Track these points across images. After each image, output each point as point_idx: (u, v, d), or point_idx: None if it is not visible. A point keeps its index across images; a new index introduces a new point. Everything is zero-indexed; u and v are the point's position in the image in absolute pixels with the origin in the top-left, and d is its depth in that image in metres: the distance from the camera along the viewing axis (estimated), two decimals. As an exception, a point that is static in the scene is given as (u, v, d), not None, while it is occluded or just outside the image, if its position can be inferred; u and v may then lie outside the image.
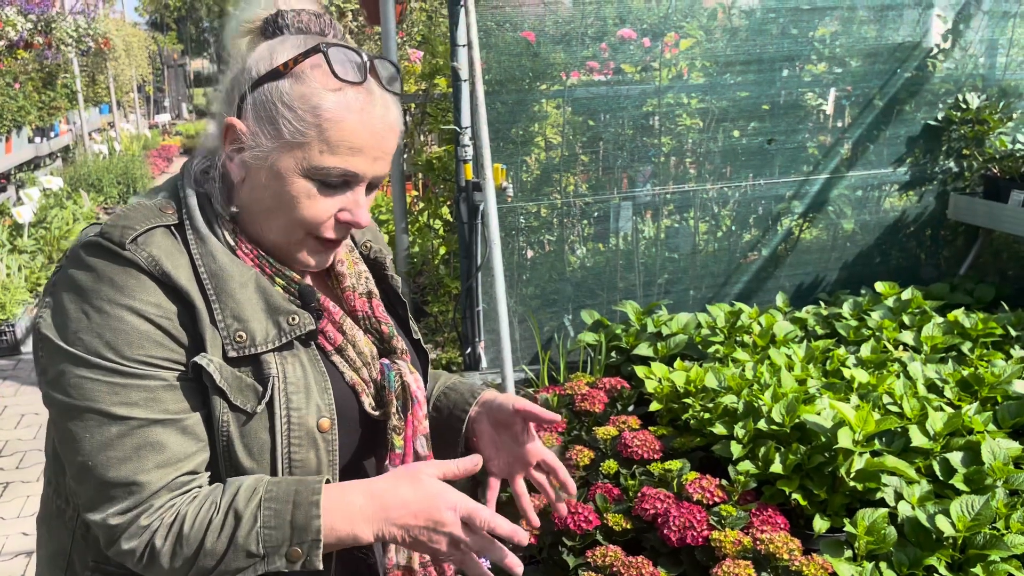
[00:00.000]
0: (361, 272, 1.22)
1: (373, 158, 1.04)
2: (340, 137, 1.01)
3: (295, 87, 1.01)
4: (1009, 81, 3.73)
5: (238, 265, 1.05)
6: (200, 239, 1.05)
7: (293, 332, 1.05)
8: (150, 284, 0.99)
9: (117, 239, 0.99)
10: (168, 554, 0.98)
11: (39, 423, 4.29)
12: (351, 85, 1.02)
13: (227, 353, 1.02)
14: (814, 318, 3.15)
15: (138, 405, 0.98)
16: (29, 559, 3.11)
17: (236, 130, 1.05)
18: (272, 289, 1.07)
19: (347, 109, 1.01)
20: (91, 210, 8.23)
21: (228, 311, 1.02)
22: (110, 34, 10.77)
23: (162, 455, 0.98)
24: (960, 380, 2.39)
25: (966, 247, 3.94)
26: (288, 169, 1.02)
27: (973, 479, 1.94)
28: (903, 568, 1.79)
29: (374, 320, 1.19)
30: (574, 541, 2.01)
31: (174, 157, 14.57)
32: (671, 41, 3.42)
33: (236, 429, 1.02)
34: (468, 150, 3.12)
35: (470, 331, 3.37)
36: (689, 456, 2.27)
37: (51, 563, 1.17)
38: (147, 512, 0.98)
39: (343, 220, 1.06)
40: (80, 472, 0.99)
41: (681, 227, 3.71)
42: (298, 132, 1.01)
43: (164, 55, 19.44)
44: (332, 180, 1.03)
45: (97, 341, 0.97)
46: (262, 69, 1.03)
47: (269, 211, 1.05)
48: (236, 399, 1.02)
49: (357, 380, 1.13)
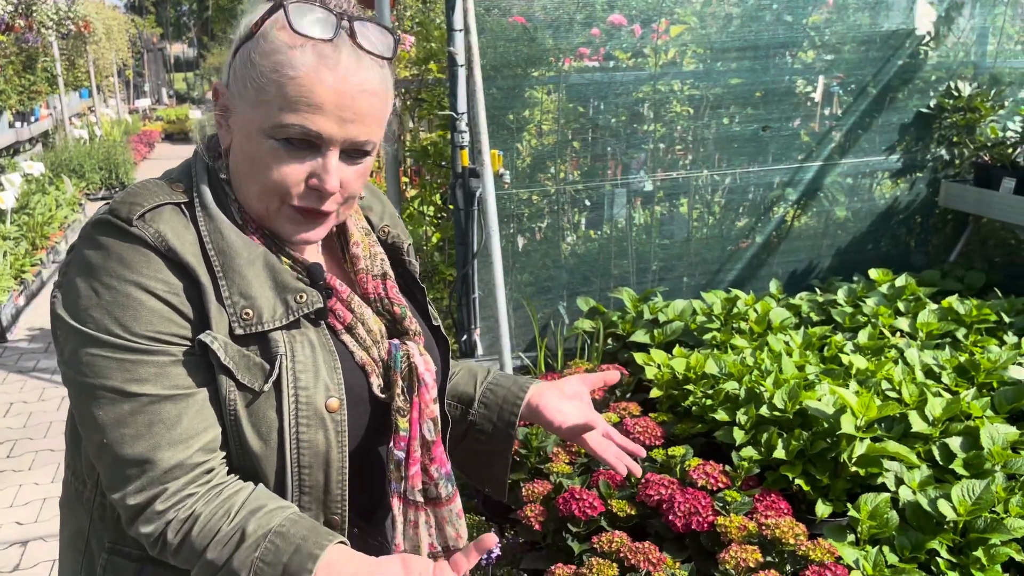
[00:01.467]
0: (376, 254, 1.20)
1: (340, 119, 0.99)
2: (298, 93, 0.97)
3: (260, 45, 0.99)
4: (1000, 69, 3.76)
5: (246, 242, 1.04)
6: (208, 216, 1.04)
7: (301, 310, 1.04)
8: (157, 260, 0.98)
9: (124, 215, 0.99)
10: (176, 549, 0.99)
11: (28, 411, 4.25)
12: (315, 41, 0.98)
13: (233, 330, 1.01)
14: (808, 304, 3.18)
15: (148, 381, 0.97)
16: (24, 548, 3.08)
17: (221, 94, 1.05)
18: (280, 267, 1.05)
19: (306, 65, 0.97)
20: (74, 196, 8.13)
21: (235, 288, 1.01)
22: (90, 17, 10.62)
23: (174, 431, 0.98)
24: (957, 366, 2.42)
25: (955, 234, 3.98)
26: (255, 129, 1.00)
27: (972, 464, 1.97)
28: (905, 551, 1.81)
29: (386, 301, 1.18)
30: (579, 527, 2.02)
31: (156, 142, 14.43)
32: (662, 28, 3.42)
33: (243, 408, 1.01)
34: (464, 136, 3.10)
35: (466, 318, 3.37)
36: (690, 442, 2.29)
37: (70, 544, 1.18)
38: (163, 497, 0.98)
39: (312, 186, 1.02)
40: (98, 451, 0.99)
41: (675, 214, 3.72)
42: (261, 89, 0.98)
43: (144, 39, 19.19)
44: (294, 139, 0.99)
45: (107, 318, 0.96)
46: (242, 33, 1.03)
47: (246, 176, 1.04)
48: (243, 377, 1.01)
49: (367, 360, 1.12)
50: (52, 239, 6.98)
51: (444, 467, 1.18)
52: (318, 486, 1.07)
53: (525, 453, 2.31)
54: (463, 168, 3.11)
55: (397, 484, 1.15)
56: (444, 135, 3.75)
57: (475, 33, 2.96)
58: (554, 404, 1.33)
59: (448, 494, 1.18)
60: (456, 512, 1.20)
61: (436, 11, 3.95)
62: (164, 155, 13.48)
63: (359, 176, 1.06)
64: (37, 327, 5.54)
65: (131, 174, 10.06)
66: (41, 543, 3.11)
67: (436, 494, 1.18)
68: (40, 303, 6.01)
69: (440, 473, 1.17)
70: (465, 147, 3.12)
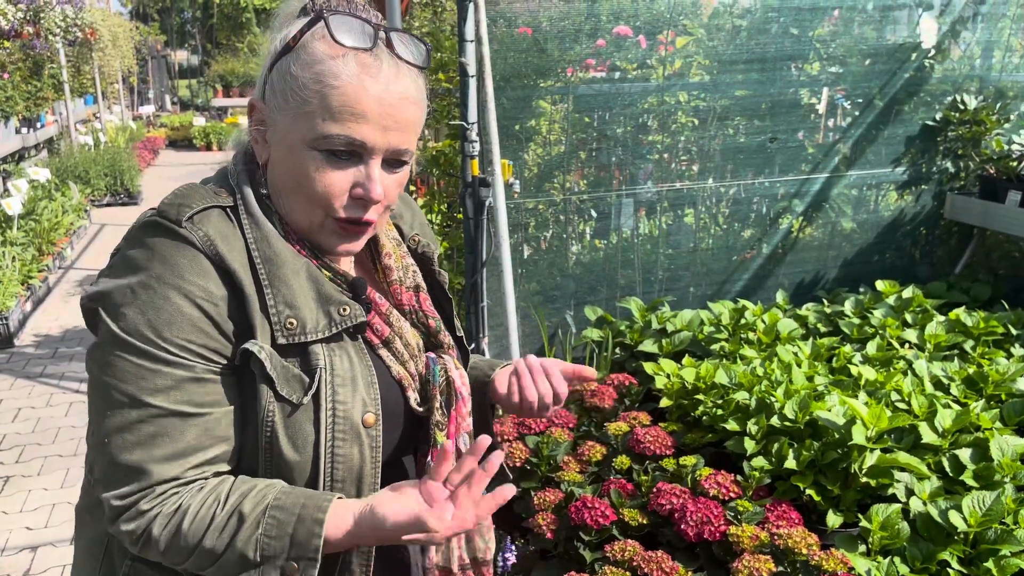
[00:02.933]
0: (408, 265, 1.21)
1: (383, 127, 1.00)
2: (342, 103, 0.98)
3: (301, 57, 1.00)
4: (1005, 82, 3.79)
5: (292, 252, 1.05)
6: (255, 223, 1.04)
7: (344, 323, 1.05)
8: (203, 263, 0.99)
9: (174, 217, 1.00)
10: (164, 544, 0.99)
11: (36, 416, 4.26)
12: (356, 51, 0.99)
13: (276, 340, 1.01)
14: (815, 315, 3.19)
15: (161, 392, 0.97)
16: (34, 553, 3.09)
17: (257, 109, 1.06)
18: (323, 278, 1.06)
19: (349, 74, 0.98)
20: (80, 202, 8.16)
21: (280, 297, 1.02)
22: (97, 24, 10.66)
23: (176, 446, 0.98)
24: (965, 378, 2.43)
25: (960, 246, 4.00)
26: (297, 142, 1.00)
27: (982, 475, 1.98)
28: (916, 562, 1.82)
29: (421, 314, 1.19)
30: (591, 536, 2.03)
31: (160, 149, 14.46)
32: (667, 39, 3.45)
33: (281, 420, 1.02)
34: (475, 146, 3.13)
35: (474, 327, 3.38)
36: (701, 452, 2.30)
37: (88, 551, 1.17)
38: (149, 498, 0.98)
39: (356, 196, 1.02)
40: (98, 446, 1.00)
41: (682, 224, 3.74)
42: (303, 101, 0.99)
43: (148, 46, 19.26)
44: (338, 150, 1.00)
45: (139, 318, 0.97)
46: (278, 47, 1.04)
47: (289, 191, 1.04)
48: (283, 389, 1.01)
49: (404, 374, 1.13)
50: (58, 245, 7.01)
51: None
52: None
53: (536, 462, 2.32)
54: (473, 177, 3.13)
55: None
56: (452, 144, 3.77)
57: (487, 44, 2.98)
58: (503, 377, 1.32)
59: None
60: (487, 525, 1.21)
61: (446, 22, 3.98)
62: (169, 162, 13.52)
63: (398, 185, 1.07)
64: (44, 333, 5.55)
65: (136, 180, 10.09)
66: (51, 548, 3.12)
67: None
68: (47, 308, 6.03)
69: None
70: (475, 156, 3.15)
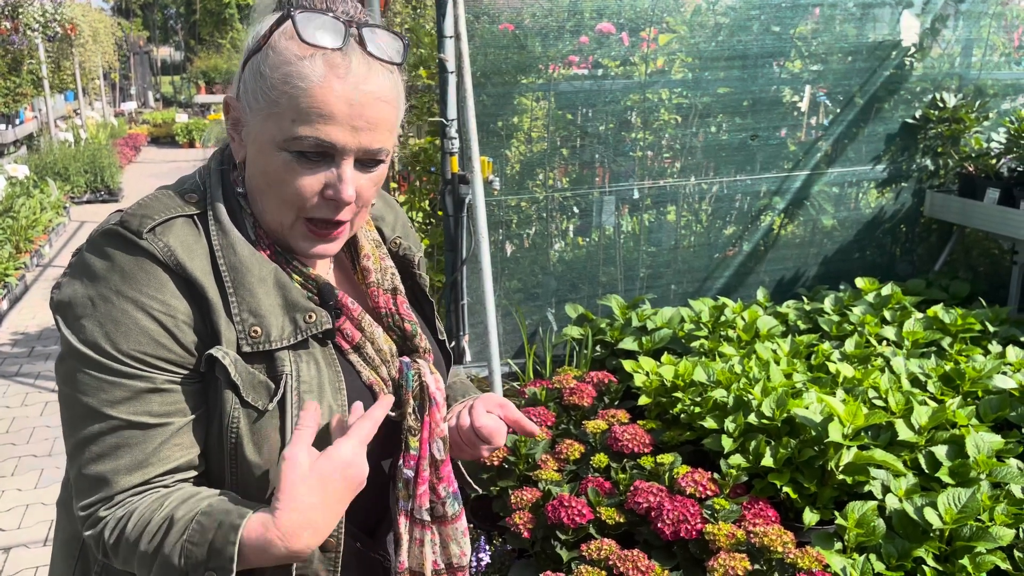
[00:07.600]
0: (387, 268, 1.19)
1: (352, 128, 0.98)
2: (310, 104, 0.96)
3: (270, 57, 0.99)
4: (984, 80, 3.80)
5: (258, 259, 1.03)
6: (222, 231, 1.03)
7: (309, 330, 1.04)
8: (161, 277, 0.98)
9: (135, 228, 0.98)
10: (114, 548, 0.98)
11: (11, 416, 4.21)
12: (324, 50, 0.97)
13: (241, 348, 1.00)
14: (795, 313, 3.19)
15: (120, 404, 0.97)
16: (7, 555, 3.05)
17: (232, 108, 1.05)
18: (291, 285, 1.05)
19: (316, 75, 0.96)
20: (59, 199, 8.08)
21: (245, 305, 1.01)
22: (77, 19, 10.55)
23: (135, 457, 0.98)
24: (943, 375, 2.43)
25: (940, 244, 4.02)
26: (268, 142, 0.99)
27: (958, 472, 1.98)
28: (892, 560, 1.82)
29: (397, 317, 1.16)
30: (567, 535, 2.02)
31: (142, 146, 14.34)
32: (649, 36, 3.44)
33: (246, 426, 1.00)
34: (455, 143, 3.11)
35: (454, 325, 3.37)
36: (679, 450, 2.30)
37: (64, 548, 1.17)
38: (107, 504, 0.98)
39: (327, 197, 1.01)
40: (68, 455, 1.01)
41: (663, 222, 3.74)
42: (273, 102, 0.98)
43: (130, 42, 19.09)
44: (308, 151, 0.98)
45: (98, 331, 0.96)
46: (250, 45, 1.03)
47: (261, 191, 1.03)
48: (248, 395, 1.00)
49: (375, 379, 1.11)
50: (36, 242, 6.93)
51: (452, 486, 1.17)
52: None
53: (514, 460, 2.31)
54: (453, 174, 3.11)
55: (405, 503, 1.14)
56: (433, 141, 3.75)
57: (466, 40, 2.96)
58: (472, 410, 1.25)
59: (454, 512, 1.17)
60: (461, 531, 1.19)
61: (426, 17, 3.95)
62: (150, 159, 13.40)
63: (373, 184, 1.05)
64: (21, 331, 5.49)
65: (117, 178, 9.99)
66: (24, 550, 3.08)
67: (443, 512, 1.16)
68: (23, 307, 5.96)
69: (448, 492, 1.16)
70: (455, 153, 3.13)
